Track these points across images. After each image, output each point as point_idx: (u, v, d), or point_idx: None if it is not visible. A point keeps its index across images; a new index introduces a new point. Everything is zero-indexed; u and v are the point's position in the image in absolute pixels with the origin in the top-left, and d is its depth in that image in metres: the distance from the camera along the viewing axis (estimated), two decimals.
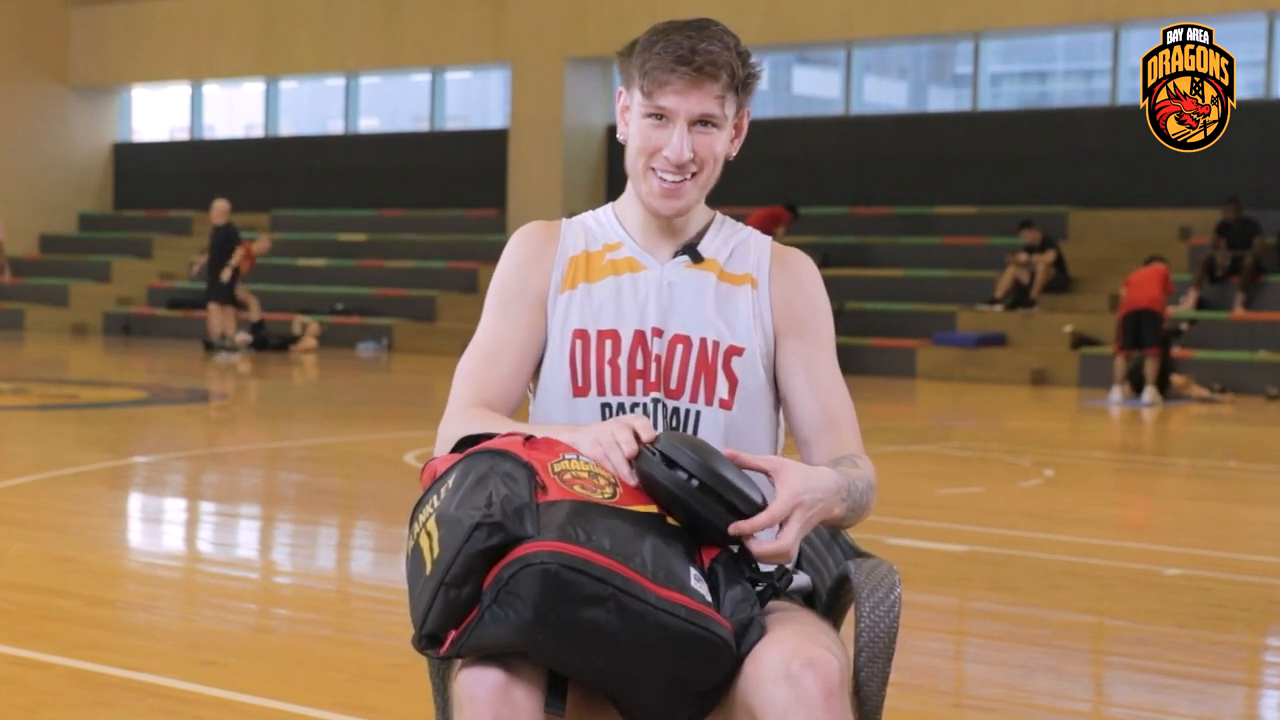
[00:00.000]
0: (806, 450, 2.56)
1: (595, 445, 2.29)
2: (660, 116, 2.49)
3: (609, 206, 2.66)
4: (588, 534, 2.11)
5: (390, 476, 9.17)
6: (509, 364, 2.54)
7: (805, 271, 2.62)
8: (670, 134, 2.49)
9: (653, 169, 2.51)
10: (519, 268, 2.59)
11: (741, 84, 2.51)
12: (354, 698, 4.36)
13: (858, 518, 2.44)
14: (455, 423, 2.46)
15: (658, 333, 2.52)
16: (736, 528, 2.22)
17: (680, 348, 2.52)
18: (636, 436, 2.26)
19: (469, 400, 2.51)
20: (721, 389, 2.51)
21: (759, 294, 2.57)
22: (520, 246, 2.61)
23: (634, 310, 2.53)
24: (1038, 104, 24.85)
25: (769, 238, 2.66)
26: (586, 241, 2.60)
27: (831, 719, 2.14)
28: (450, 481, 2.20)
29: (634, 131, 2.53)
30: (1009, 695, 4.64)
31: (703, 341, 2.52)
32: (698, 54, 2.46)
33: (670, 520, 2.23)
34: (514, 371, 2.54)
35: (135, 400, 14.18)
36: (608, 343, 2.52)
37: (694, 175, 2.51)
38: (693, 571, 2.18)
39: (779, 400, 2.60)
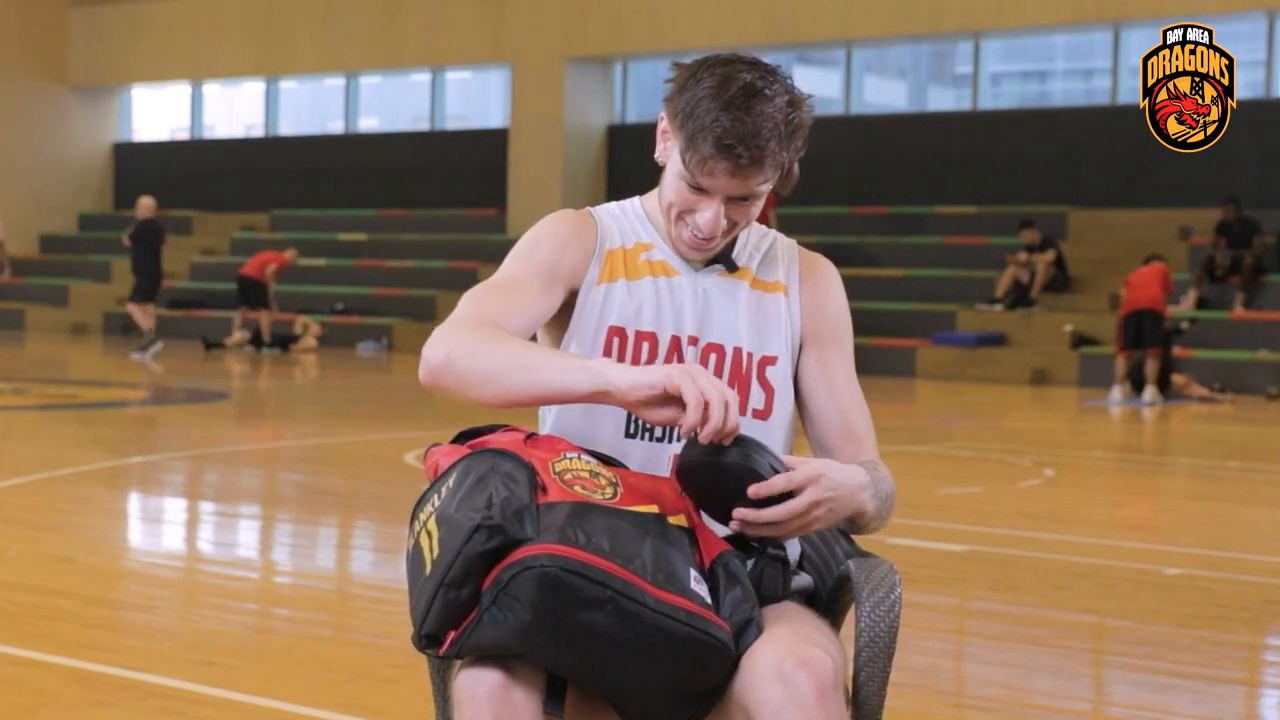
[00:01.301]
0: (825, 456, 2.55)
1: (692, 382, 2.18)
2: (698, 188, 2.42)
3: (637, 201, 2.60)
4: (587, 536, 2.11)
5: (390, 476, 9.17)
6: (518, 307, 2.44)
7: (832, 279, 2.60)
8: (705, 203, 2.43)
9: (685, 223, 2.47)
10: (558, 239, 2.50)
11: (792, 149, 2.41)
12: (354, 698, 4.36)
13: (883, 521, 2.44)
14: (462, 327, 2.35)
15: (693, 341, 2.49)
16: (755, 490, 2.20)
17: (714, 356, 2.49)
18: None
19: (476, 318, 2.39)
20: (756, 399, 2.49)
21: (790, 301, 2.55)
22: (559, 226, 2.53)
23: (671, 315, 2.50)
24: (1038, 104, 24.85)
25: (794, 241, 2.64)
26: (621, 236, 2.55)
27: (825, 718, 2.14)
28: (451, 481, 2.20)
29: (671, 182, 2.46)
30: (1009, 695, 4.64)
31: (736, 351, 2.50)
32: (744, 146, 2.34)
33: (672, 521, 2.23)
34: (519, 315, 2.43)
35: (135, 400, 14.18)
36: (645, 344, 2.48)
37: (725, 231, 2.47)
38: (693, 573, 2.18)
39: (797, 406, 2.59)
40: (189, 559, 6.76)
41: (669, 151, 2.46)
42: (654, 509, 2.22)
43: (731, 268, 2.54)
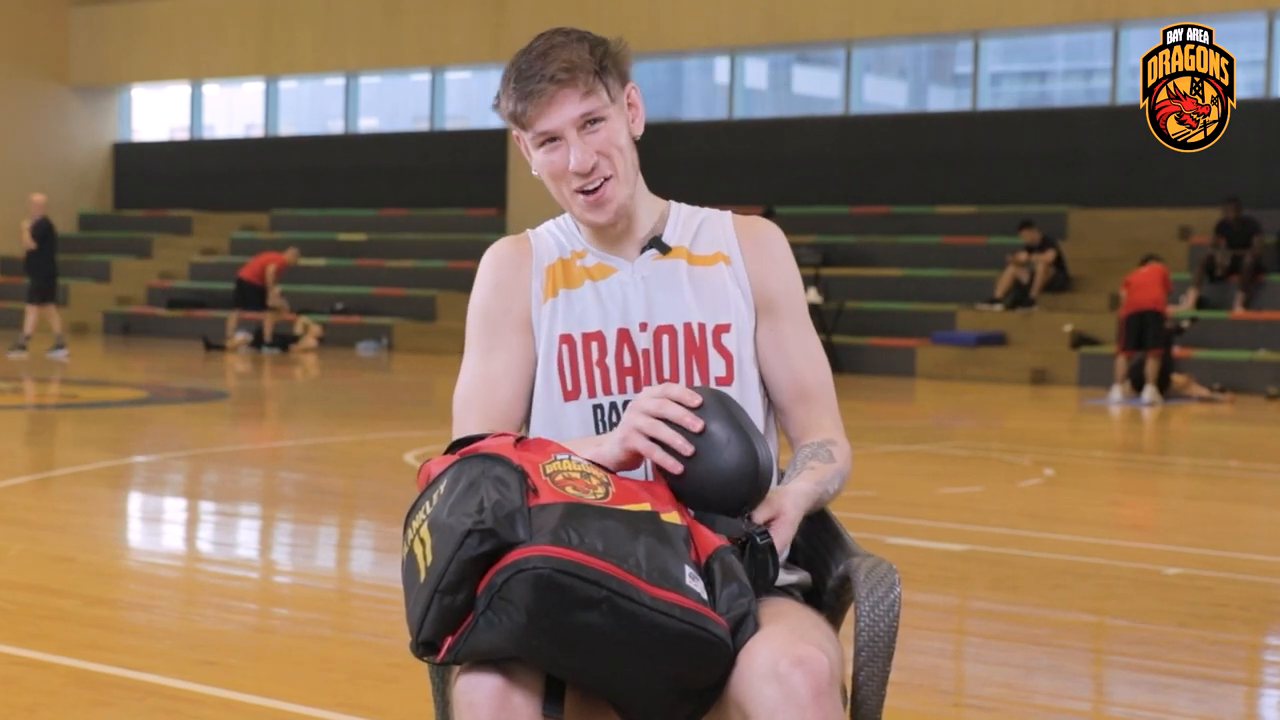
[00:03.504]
0: (783, 419, 2.62)
1: (635, 431, 2.30)
2: (550, 139, 2.50)
3: (567, 215, 2.66)
4: (580, 536, 2.11)
5: (390, 476, 9.17)
6: (507, 391, 2.55)
7: (773, 243, 2.64)
8: (564, 150, 2.50)
9: (573, 190, 2.52)
10: (498, 289, 2.59)
11: (603, 68, 2.51)
12: (354, 698, 4.36)
13: (825, 504, 2.54)
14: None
15: (643, 327, 2.53)
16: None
17: (666, 337, 2.53)
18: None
19: (476, 428, 2.49)
20: (716, 367, 2.53)
21: (735, 269, 2.59)
22: (495, 268, 2.61)
23: (615, 310, 2.54)
24: (1038, 104, 24.87)
25: (728, 212, 2.68)
26: (558, 249, 2.62)
27: (821, 717, 2.14)
28: (442, 487, 2.20)
29: (538, 165, 2.54)
30: (1009, 695, 4.64)
31: (687, 327, 2.53)
32: (547, 65, 2.47)
33: (664, 518, 2.23)
34: (514, 397, 2.55)
35: (135, 400, 14.18)
36: (594, 345, 2.53)
37: (610, 175, 2.52)
38: (688, 569, 2.18)
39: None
40: (189, 559, 6.76)
41: (532, 158, 2.56)
42: (646, 506, 2.22)
43: (664, 250, 2.58)
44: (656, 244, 2.58)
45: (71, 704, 4.25)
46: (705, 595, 2.17)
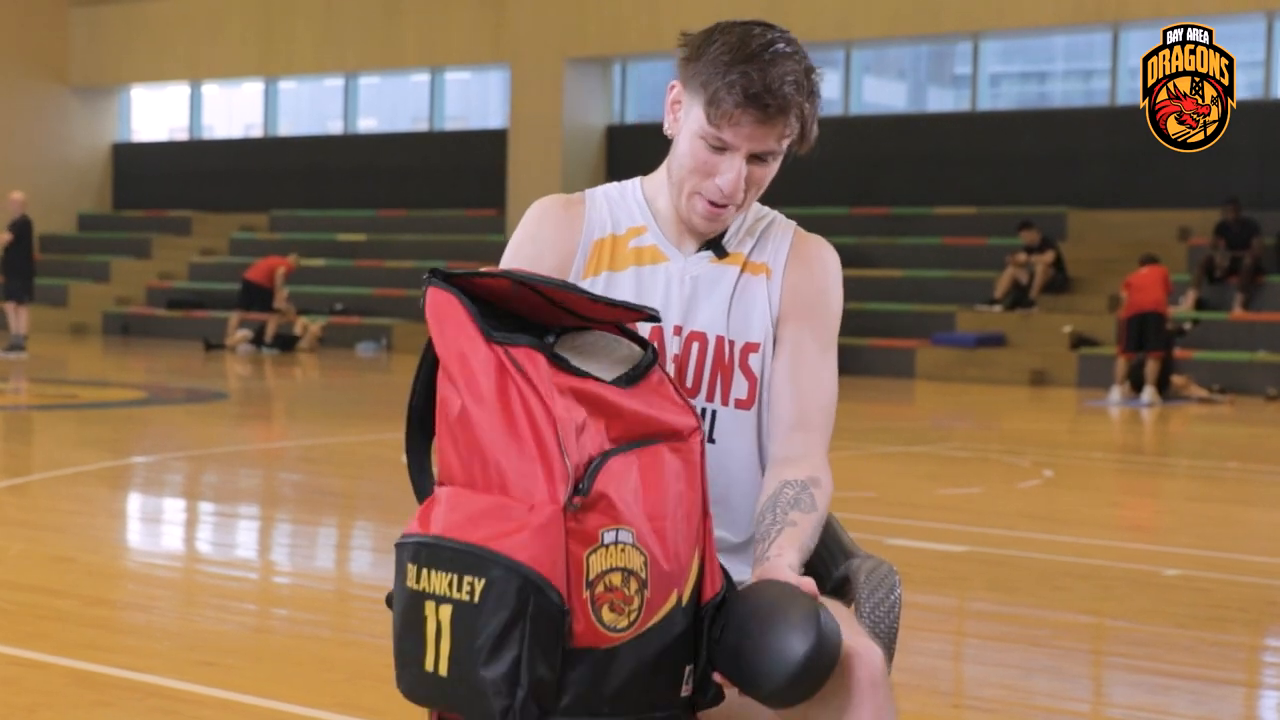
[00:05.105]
0: (771, 439, 2.47)
1: None
2: (720, 146, 2.40)
3: (638, 182, 2.57)
4: (601, 700, 2.01)
5: (390, 477, 9.16)
6: None
7: (819, 259, 2.55)
8: (727, 163, 2.41)
9: (699, 192, 2.43)
10: (536, 243, 2.50)
11: (808, 105, 2.44)
12: (353, 698, 4.36)
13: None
14: None
15: (677, 330, 2.46)
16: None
17: (696, 345, 2.46)
18: None
19: None
20: (739, 389, 2.46)
21: (772, 284, 2.51)
22: (541, 222, 2.51)
23: (652, 305, 2.46)
24: (1037, 104, 24.85)
25: (793, 222, 2.61)
26: (612, 223, 2.53)
27: (875, 706, 2.14)
28: (469, 577, 2.04)
29: (687, 148, 2.43)
30: (1008, 695, 4.64)
31: (719, 340, 2.46)
32: (770, 94, 2.36)
33: (684, 605, 2.07)
34: None
35: (135, 400, 14.18)
36: None
37: (739, 204, 2.45)
38: (686, 670, 2.08)
39: None
40: (188, 559, 6.76)
41: (679, 123, 2.45)
42: (673, 601, 2.05)
43: (721, 254, 2.50)
44: (715, 246, 2.50)
45: (71, 704, 4.25)
46: (704, 690, 2.11)
